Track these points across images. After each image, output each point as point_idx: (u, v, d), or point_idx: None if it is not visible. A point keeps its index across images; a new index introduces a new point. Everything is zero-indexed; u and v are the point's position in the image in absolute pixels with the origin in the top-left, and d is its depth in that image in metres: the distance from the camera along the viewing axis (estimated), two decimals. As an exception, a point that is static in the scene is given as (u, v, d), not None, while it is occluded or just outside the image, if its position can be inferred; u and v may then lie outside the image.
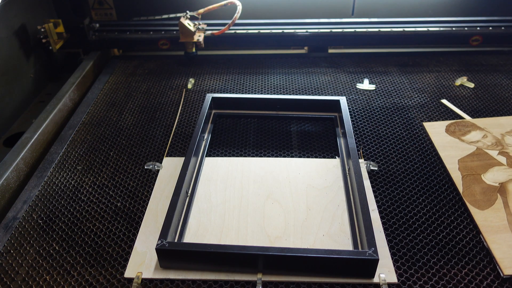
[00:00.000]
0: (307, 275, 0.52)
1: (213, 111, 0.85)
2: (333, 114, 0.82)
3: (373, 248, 0.50)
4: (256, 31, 1.06)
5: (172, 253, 0.52)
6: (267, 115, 0.84)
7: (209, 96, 0.83)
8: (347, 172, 0.67)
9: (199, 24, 1.03)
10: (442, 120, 0.82)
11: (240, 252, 0.51)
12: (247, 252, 0.51)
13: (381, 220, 0.60)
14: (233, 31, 1.04)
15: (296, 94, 0.92)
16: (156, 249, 0.52)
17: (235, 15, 0.95)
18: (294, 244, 0.56)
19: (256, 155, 0.74)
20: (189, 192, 0.65)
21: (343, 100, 0.80)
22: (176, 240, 0.57)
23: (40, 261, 0.56)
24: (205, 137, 0.77)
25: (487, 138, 0.75)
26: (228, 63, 1.06)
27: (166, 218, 0.56)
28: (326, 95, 0.91)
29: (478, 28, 1.05)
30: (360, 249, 0.55)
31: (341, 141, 0.75)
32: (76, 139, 0.80)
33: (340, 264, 0.50)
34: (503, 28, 1.04)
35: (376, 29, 1.05)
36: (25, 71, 0.97)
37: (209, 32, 1.02)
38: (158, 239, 0.52)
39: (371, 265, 0.50)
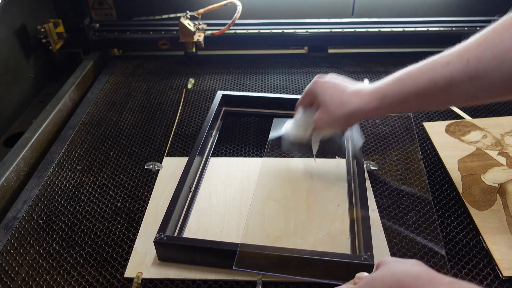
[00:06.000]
0: (305, 276, 0.52)
1: (223, 108, 0.85)
2: None
3: (369, 253, 0.50)
4: (256, 31, 1.06)
5: (170, 247, 0.52)
6: (275, 114, 0.84)
7: (220, 93, 0.83)
8: (352, 174, 0.67)
9: (199, 24, 1.03)
10: (442, 120, 0.82)
11: (238, 250, 0.51)
12: (248, 250, 0.51)
13: (381, 220, 0.60)
14: (233, 31, 1.04)
15: (296, 94, 0.92)
16: (154, 242, 0.52)
17: (235, 15, 0.95)
18: (294, 244, 0.56)
19: (256, 155, 0.74)
20: (193, 187, 0.65)
21: None
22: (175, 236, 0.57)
23: (40, 261, 0.56)
24: (213, 134, 0.77)
25: (487, 138, 0.75)
26: (228, 63, 1.06)
27: (166, 212, 0.56)
28: (326, 95, 0.91)
29: (478, 28, 1.04)
30: (357, 253, 0.55)
31: (348, 143, 0.74)
32: (76, 139, 0.80)
33: (337, 267, 0.50)
34: (503, 28, 1.04)
35: (376, 29, 1.05)
36: (25, 71, 0.97)
37: (209, 32, 1.02)
38: (157, 232, 0.53)
39: (367, 269, 0.50)
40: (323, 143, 0.75)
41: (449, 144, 0.75)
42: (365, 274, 0.43)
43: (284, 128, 0.68)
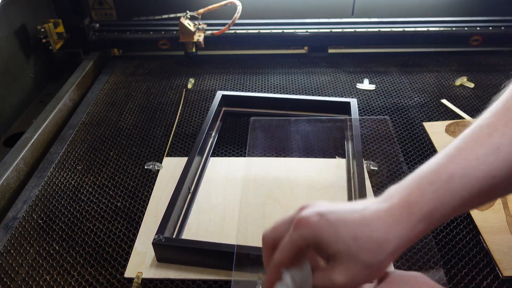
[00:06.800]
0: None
1: (223, 109, 0.85)
2: (343, 116, 0.81)
3: None
4: (256, 31, 1.06)
5: (169, 248, 0.52)
6: (274, 115, 0.84)
7: (219, 94, 0.83)
8: (352, 174, 0.67)
9: (199, 24, 1.03)
10: (442, 120, 0.82)
11: (237, 252, 0.51)
12: (245, 252, 0.51)
13: (381, 220, 0.60)
14: (233, 31, 1.04)
15: (296, 94, 0.92)
16: (152, 243, 0.52)
17: (235, 15, 0.95)
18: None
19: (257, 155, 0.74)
20: (192, 188, 0.65)
21: (353, 102, 0.79)
22: (174, 237, 0.57)
23: (40, 261, 0.56)
24: (213, 135, 0.77)
25: (487, 138, 0.75)
26: (228, 63, 1.06)
27: (165, 213, 0.56)
28: (326, 95, 0.91)
29: (478, 28, 1.05)
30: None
31: (348, 144, 0.74)
32: (76, 139, 0.80)
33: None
34: (503, 28, 1.04)
35: (376, 29, 1.05)
36: (25, 71, 0.97)
37: (209, 32, 1.02)
38: (156, 234, 0.53)
39: None
40: (321, 142, 0.75)
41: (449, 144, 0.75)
42: (369, 286, 0.37)
43: None
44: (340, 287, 0.34)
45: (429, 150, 0.74)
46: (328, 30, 1.05)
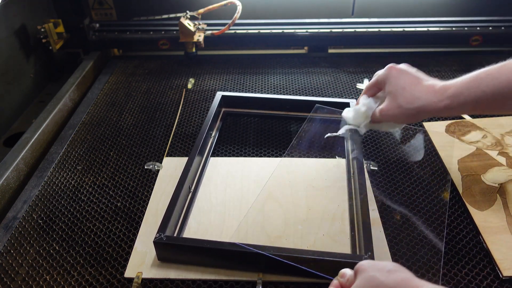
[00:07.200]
0: (305, 276, 0.52)
1: (223, 109, 0.85)
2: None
3: (369, 253, 0.50)
4: (256, 31, 1.06)
5: (170, 247, 0.52)
6: (274, 115, 0.84)
7: (219, 94, 0.83)
8: (352, 174, 0.67)
9: (199, 24, 1.03)
10: (442, 120, 0.82)
11: (238, 250, 0.51)
12: (245, 250, 0.51)
13: (381, 220, 0.60)
14: (233, 31, 1.04)
15: (296, 94, 0.92)
16: (154, 242, 0.52)
17: (235, 15, 0.95)
18: (294, 244, 0.56)
19: (256, 155, 0.74)
20: (192, 188, 0.65)
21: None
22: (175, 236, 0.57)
23: (40, 261, 0.56)
24: (213, 135, 0.77)
25: (487, 138, 0.75)
26: (228, 63, 1.06)
27: (166, 212, 0.56)
28: (326, 95, 0.91)
29: (478, 28, 1.05)
30: (357, 252, 0.55)
31: (348, 144, 0.74)
32: (76, 139, 0.80)
33: (337, 267, 0.50)
34: (503, 28, 1.05)
35: (376, 29, 1.05)
36: (25, 71, 0.97)
37: (209, 32, 1.02)
38: (157, 233, 0.53)
39: None
40: (321, 142, 0.75)
41: (449, 144, 0.75)
42: (349, 271, 0.42)
43: (345, 112, 0.68)
44: (382, 113, 0.58)
45: (429, 150, 0.74)
46: (328, 30, 1.05)
